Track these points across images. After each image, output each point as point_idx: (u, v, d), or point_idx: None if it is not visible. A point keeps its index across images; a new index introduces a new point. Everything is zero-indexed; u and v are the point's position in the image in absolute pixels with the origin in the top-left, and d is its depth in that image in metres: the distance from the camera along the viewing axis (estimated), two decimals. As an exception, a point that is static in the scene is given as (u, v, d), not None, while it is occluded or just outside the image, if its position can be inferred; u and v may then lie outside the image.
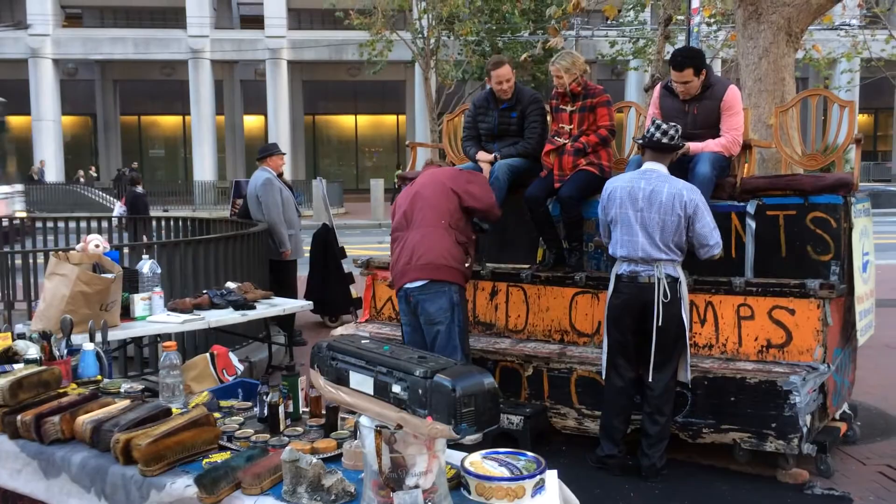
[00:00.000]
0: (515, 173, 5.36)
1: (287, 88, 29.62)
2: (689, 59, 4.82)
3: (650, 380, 4.37)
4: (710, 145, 4.79)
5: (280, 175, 7.72)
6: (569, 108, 5.21)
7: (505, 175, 5.33)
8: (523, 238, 5.51)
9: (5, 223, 11.09)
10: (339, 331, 5.85)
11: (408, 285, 4.56)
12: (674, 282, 4.34)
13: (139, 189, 10.65)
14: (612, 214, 4.47)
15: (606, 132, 5.14)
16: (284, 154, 8.21)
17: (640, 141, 4.52)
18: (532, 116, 5.44)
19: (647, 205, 4.34)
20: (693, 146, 4.75)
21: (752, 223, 4.78)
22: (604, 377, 4.60)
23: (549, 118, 5.49)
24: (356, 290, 8.21)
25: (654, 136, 4.42)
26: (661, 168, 4.44)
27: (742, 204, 4.82)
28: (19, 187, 17.34)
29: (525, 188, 5.29)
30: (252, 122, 33.22)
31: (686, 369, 4.43)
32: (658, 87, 5.15)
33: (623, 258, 4.43)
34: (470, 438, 1.98)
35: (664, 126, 4.42)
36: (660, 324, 4.30)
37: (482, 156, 5.49)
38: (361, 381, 2.19)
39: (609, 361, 4.54)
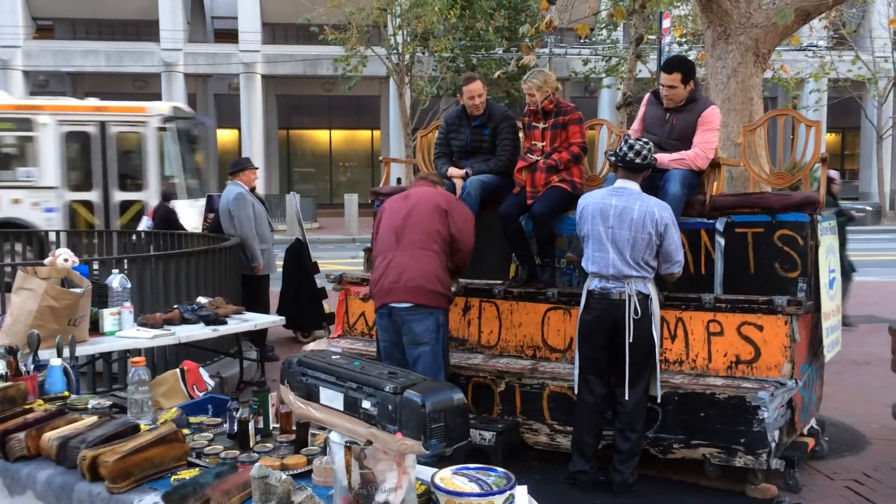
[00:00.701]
0: (487, 189, 5.39)
1: (261, 103, 29.51)
2: (680, 63, 4.98)
3: (625, 397, 4.40)
4: (674, 157, 4.87)
5: (253, 189, 7.70)
6: (541, 126, 5.26)
7: (476, 191, 5.36)
8: (496, 254, 5.54)
9: None
10: (311, 346, 5.83)
11: (394, 304, 4.58)
12: (644, 298, 4.38)
13: (171, 204, 10.54)
14: (584, 230, 4.51)
15: (578, 149, 5.20)
16: (257, 168, 8.19)
17: (612, 158, 4.57)
18: (504, 133, 5.49)
19: (617, 222, 4.38)
20: (659, 157, 4.82)
21: (721, 240, 4.85)
22: (576, 393, 4.62)
23: (521, 135, 5.54)
24: (329, 306, 8.18)
25: (627, 156, 4.46)
26: (634, 186, 4.49)
27: (711, 221, 4.88)
28: None
29: (497, 204, 5.32)
30: (226, 135, 33.05)
31: (656, 385, 4.46)
32: (647, 95, 5.28)
33: (594, 274, 4.47)
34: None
35: (636, 145, 4.47)
36: (630, 340, 4.34)
37: (453, 171, 5.52)
38: (332, 397, 2.19)
39: (580, 377, 4.57)
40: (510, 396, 5.02)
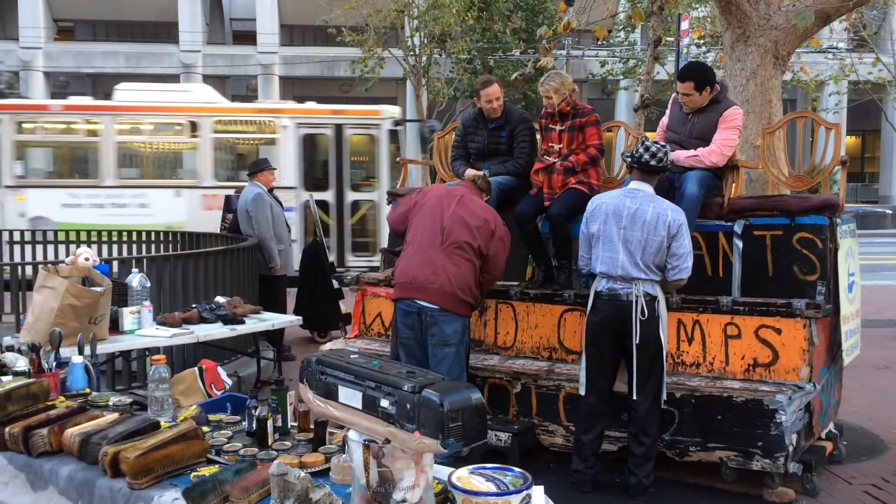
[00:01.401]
0: (504, 191, 5.40)
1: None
2: (692, 72, 4.97)
3: (634, 399, 4.40)
4: (689, 153, 4.88)
5: (271, 190, 7.74)
6: (558, 128, 5.26)
7: (494, 193, 5.36)
8: (513, 255, 5.52)
9: None
10: (327, 346, 5.85)
11: (422, 303, 4.50)
12: (652, 300, 4.38)
13: None
14: (594, 229, 4.50)
15: (595, 151, 5.19)
16: (275, 169, 8.24)
17: (629, 159, 4.57)
18: (521, 136, 5.50)
19: (630, 223, 4.38)
20: (674, 154, 4.82)
21: (739, 243, 4.83)
22: (581, 393, 4.63)
23: (538, 137, 5.54)
24: (345, 306, 8.21)
25: (643, 158, 4.45)
26: (648, 188, 4.48)
27: (729, 224, 4.87)
28: None
29: (514, 206, 5.32)
30: (243, 137, 33.23)
31: (662, 388, 4.46)
32: (673, 95, 5.28)
33: (602, 274, 4.47)
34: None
35: (652, 147, 4.46)
36: (637, 341, 4.33)
37: (470, 173, 5.53)
38: (350, 396, 2.20)
39: (587, 378, 4.57)
40: (526, 398, 5.03)
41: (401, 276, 4.65)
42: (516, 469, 2.35)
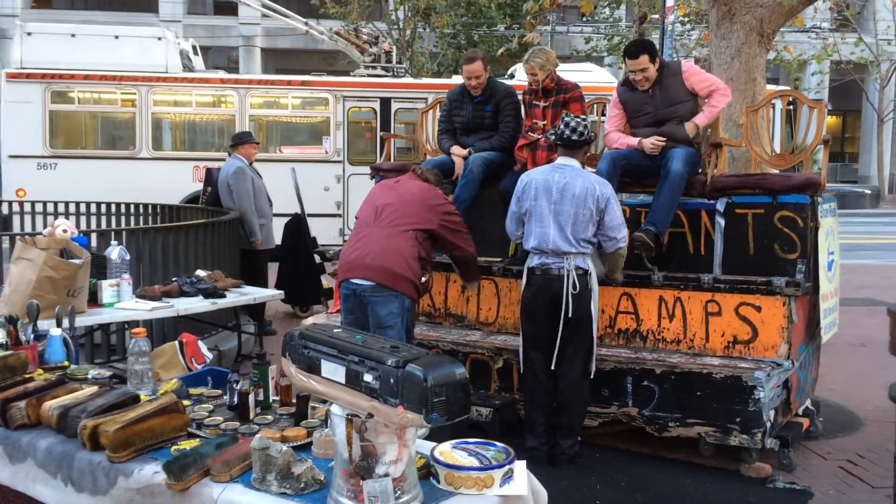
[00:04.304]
0: (489, 166, 5.40)
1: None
2: (643, 46, 5.00)
3: (561, 372, 4.45)
4: (705, 113, 4.91)
5: (251, 164, 7.68)
6: (542, 104, 5.25)
7: (479, 168, 5.37)
8: (496, 232, 5.53)
9: None
10: (310, 320, 5.84)
11: (356, 281, 4.38)
12: (584, 274, 4.43)
13: None
14: (526, 206, 4.55)
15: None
16: (258, 143, 8.16)
17: (552, 137, 4.65)
18: (506, 110, 5.49)
19: (560, 197, 4.42)
20: (698, 120, 4.87)
21: (721, 221, 4.85)
22: (521, 371, 4.68)
23: (523, 113, 5.53)
24: (327, 281, 8.19)
25: (565, 134, 4.52)
26: (575, 163, 4.55)
27: (712, 202, 4.88)
28: None
29: (499, 181, 5.32)
30: (224, 109, 32.92)
31: (591, 361, 4.51)
32: (615, 92, 5.26)
33: (535, 249, 4.51)
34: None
35: (572, 123, 4.53)
36: (569, 315, 4.37)
37: (456, 150, 5.54)
38: (333, 370, 2.20)
39: (524, 355, 4.62)
40: (508, 373, 5.05)
41: (340, 260, 4.62)
42: (499, 444, 2.36)
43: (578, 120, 4.55)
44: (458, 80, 5.77)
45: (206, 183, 8.83)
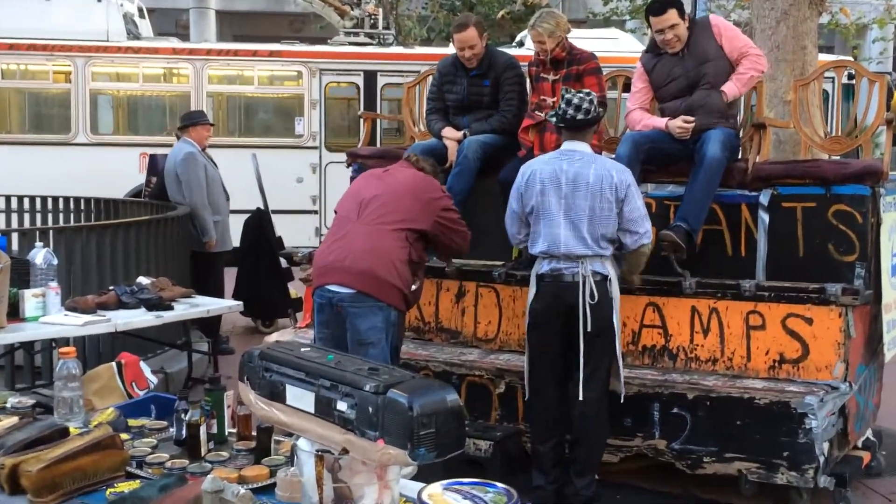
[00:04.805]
0: (488, 152, 5.39)
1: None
2: (668, 2, 4.97)
3: (580, 397, 4.43)
4: (738, 79, 4.94)
5: (204, 149, 7.67)
6: (551, 78, 5.25)
7: (476, 154, 5.36)
8: (496, 230, 5.52)
9: None
10: (274, 337, 5.84)
11: (333, 288, 4.36)
12: (603, 280, 4.41)
13: None
14: (531, 203, 4.51)
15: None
16: (213, 125, 8.15)
17: (553, 119, 4.61)
18: (508, 85, 5.49)
19: (571, 190, 4.40)
20: (727, 88, 4.89)
21: (765, 216, 4.87)
22: (526, 396, 4.67)
23: (529, 88, 5.53)
24: (296, 289, 8.18)
25: (567, 113, 4.48)
26: (584, 146, 4.52)
27: (754, 193, 4.90)
28: None
29: (499, 170, 5.32)
30: (172, 84, 32.90)
31: (619, 380, 4.51)
32: (638, 62, 5.28)
33: (543, 254, 4.49)
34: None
35: (575, 99, 4.48)
36: (588, 329, 4.36)
37: (449, 132, 5.51)
38: (300, 397, 2.20)
39: (531, 377, 4.60)
40: (511, 399, 5.05)
41: (314, 264, 4.60)
42: (499, 484, 2.35)
43: (582, 95, 4.51)
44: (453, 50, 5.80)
45: (150, 172, 8.82)
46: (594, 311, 4.36)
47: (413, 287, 4.48)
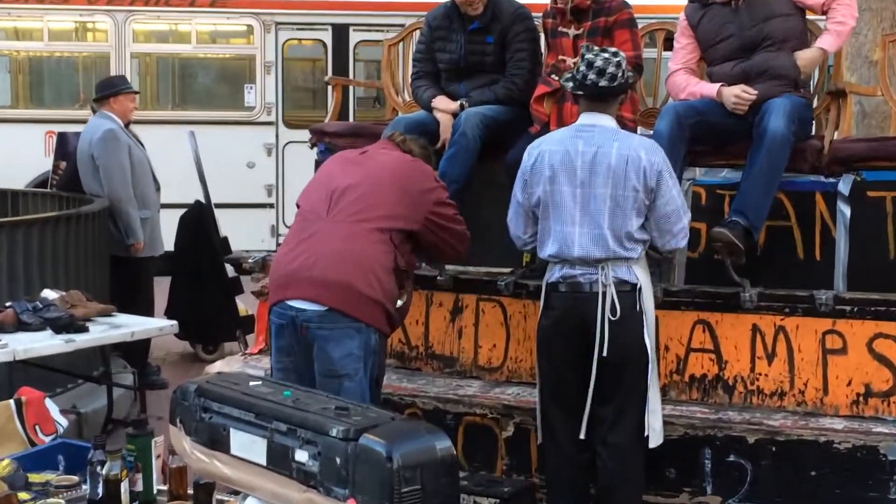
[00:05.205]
0: (492, 127, 5.39)
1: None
2: None
3: (604, 442, 4.44)
4: (834, 30, 4.96)
5: (128, 125, 7.66)
6: (572, 32, 5.25)
7: (476, 130, 5.35)
8: (503, 227, 5.53)
9: None
10: (218, 366, 5.83)
11: (296, 304, 4.32)
12: (631, 290, 4.41)
13: None
14: (538, 194, 4.52)
15: (630, 67, 5.19)
16: (138, 93, 8.14)
17: (570, 85, 4.62)
18: (517, 42, 5.49)
19: (589, 175, 4.40)
20: (824, 43, 4.92)
21: (845, 209, 4.88)
22: (539, 440, 4.68)
23: (543, 46, 5.53)
24: (246, 305, 8.17)
25: (588, 78, 4.48)
26: (607, 120, 4.53)
27: (832, 180, 4.92)
28: None
29: (506, 151, 5.31)
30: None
31: (656, 422, 4.50)
32: (682, 13, 5.30)
33: (554, 258, 4.50)
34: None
35: (598, 61, 4.48)
36: (604, 354, 4.36)
37: (441, 103, 5.50)
38: (249, 445, 2.20)
39: (543, 414, 4.62)
40: (522, 444, 5.04)
41: (272, 273, 4.60)
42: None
43: (607, 55, 4.50)
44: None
45: (59, 154, 8.80)
46: (616, 330, 4.36)
47: (399, 303, 4.48)
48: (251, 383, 2.37)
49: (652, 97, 6.05)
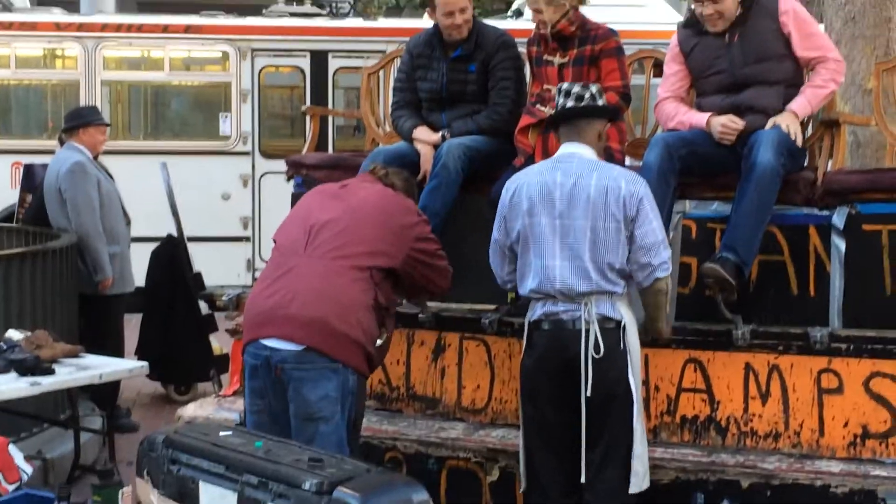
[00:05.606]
0: (475, 159, 5.40)
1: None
2: None
3: (588, 486, 4.42)
4: (810, 93, 4.94)
5: (97, 157, 7.66)
6: (557, 61, 5.27)
7: (458, 162, 5.36)
8: (486, 263, 5.54)
9: None
10: (191, 409, 5.80)
11: (272, 343, 4.32)
12: (615, 327, 4.42)
13: None
14: (517, 228, 4.54)
15: (617, 97, 5.21)
16: (108, 125, 8.14)
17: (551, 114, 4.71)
18: (501, 71, 5.51)
19: (568, 206, 4.42)
20: (796, 106, 4.88)
21: (840, 243, 4.89)
22: (522, 486, 4.67)
23: (528, 75, 5.56)
24: (220, 343, 8.15)
25: (566, 106, 4.57)
26: (586, 150, 4.56)
27: (825, 213, 4.93)
28: None
29: (490, 183, 5.32)
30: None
31: (639, 466, 4.47)
32: (674, 37, 5.30)
33: (535, 294, 4.51)
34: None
35: (575, 89, 4.57)
36: (588, 393, 4.36)
37: (422, 134, 5.51)
38: (218, 499, 2.19)
39: (527, 459, 4.61)
40: (508, 490, 5.02)
41: (247, 310, 4.61)
42: None
43: (583, 83, 4.59)
44: (429, 23, 5.78)
45: (26, 187, 8.79)
46: (601, 368, 4.36)
47: (379, 342, 4.48)
48: (221, 433, 2.37)
49: (640, 125, 6.06)
